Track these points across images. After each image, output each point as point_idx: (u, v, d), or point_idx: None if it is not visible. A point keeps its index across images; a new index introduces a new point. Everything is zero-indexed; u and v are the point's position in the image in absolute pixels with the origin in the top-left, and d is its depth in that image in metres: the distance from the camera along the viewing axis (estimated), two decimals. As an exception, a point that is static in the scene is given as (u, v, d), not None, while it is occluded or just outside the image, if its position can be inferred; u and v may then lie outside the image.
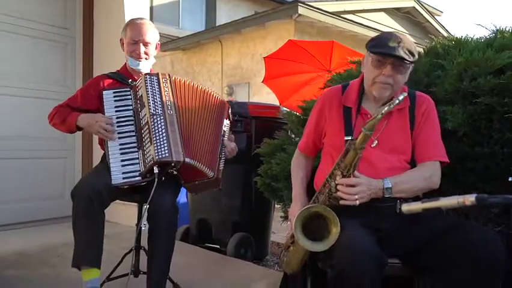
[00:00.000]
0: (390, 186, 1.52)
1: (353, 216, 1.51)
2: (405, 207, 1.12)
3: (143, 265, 2.03)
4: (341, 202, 1.49)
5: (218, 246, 3.28)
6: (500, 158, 1.77)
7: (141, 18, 2.18)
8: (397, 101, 1.36)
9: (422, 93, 1.76)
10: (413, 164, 1.67)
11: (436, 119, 1.71)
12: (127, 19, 3.83)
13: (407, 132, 1.66)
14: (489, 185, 1.82)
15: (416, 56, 1.59)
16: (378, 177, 1.54)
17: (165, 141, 1.86)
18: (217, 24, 12.04)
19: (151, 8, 10.49)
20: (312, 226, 1.49)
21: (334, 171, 1.53)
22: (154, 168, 1.83)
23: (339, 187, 1.50)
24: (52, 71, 3.97)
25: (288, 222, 1.92)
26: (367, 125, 1.41)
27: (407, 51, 1.53)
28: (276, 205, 3.31)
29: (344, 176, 1.50)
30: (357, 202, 1.47)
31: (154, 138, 1.86)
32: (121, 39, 2.19)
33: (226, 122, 2.16)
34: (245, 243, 3.17)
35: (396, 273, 1.60)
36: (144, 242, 2.07)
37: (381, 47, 1.56)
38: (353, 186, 1.48)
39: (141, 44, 2.10)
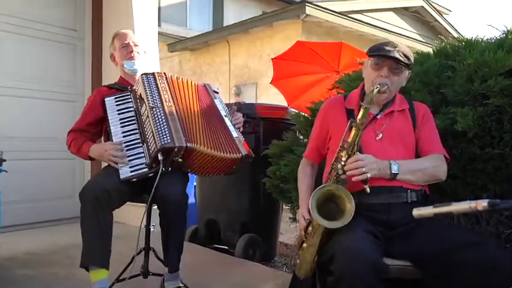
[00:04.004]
0: (397, 164, 1.58)
1: (361, 214, 1.52)
2: (416, 212, 1.12)
3: (152, 267, 2.05)
4: (353, 179, 1.54)
5: (226, 247, 3.28)
6: (511, 160, 1.76)
7: (125, 30, 2.38)
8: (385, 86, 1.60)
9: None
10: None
11: (435, 125, 1.78)
12: (135, 20, 3.87)
13: (410, 129, 1.74)
14: (499, 187, 1.81)
15: (412, 61, 1.71)
16: None
17: (166, 129, 1.91)
18: (224, 24, 12.06)
19: (159, 9, 10.54)
20: (324, 212, 1.52)
21: (339, 154, 1.60)
22: (158, 155, 1.87)
23: (346, 167, 1.55)
24: (62, 73, 4.00)
25: (297, 224, 1.93)
26: (365, 100, 1.57)
27: (402, 55, 1.66)
28: (284, 206, 3.31)
29: (349, 156, 1.57)
30: (368, 175, 1.52)
31: (156, 129, 1.92)
32: (111, 55, 2.33)
33: (218, 100, 2.25)
34: (253, 244, 3.17)
35: (407, 276, 1.58)
36: (153, 243, 2.08)
37: (379, 50, 1.69)
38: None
39: (132, 45, 2.26)
